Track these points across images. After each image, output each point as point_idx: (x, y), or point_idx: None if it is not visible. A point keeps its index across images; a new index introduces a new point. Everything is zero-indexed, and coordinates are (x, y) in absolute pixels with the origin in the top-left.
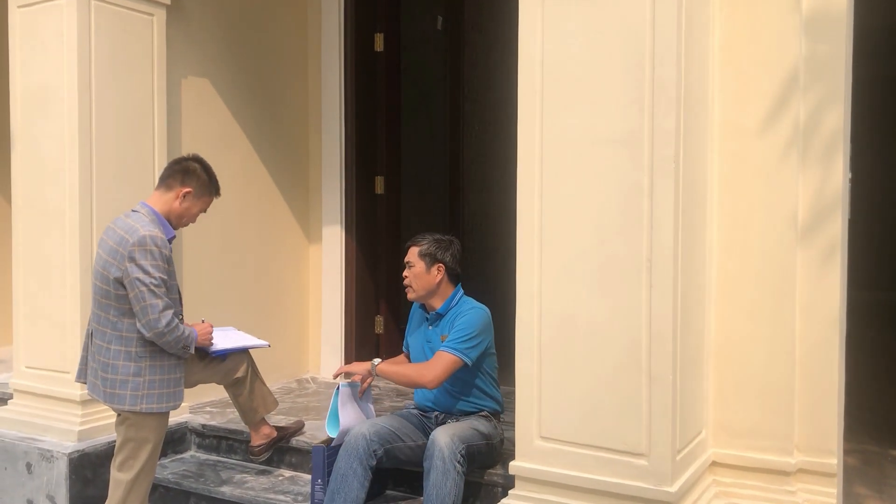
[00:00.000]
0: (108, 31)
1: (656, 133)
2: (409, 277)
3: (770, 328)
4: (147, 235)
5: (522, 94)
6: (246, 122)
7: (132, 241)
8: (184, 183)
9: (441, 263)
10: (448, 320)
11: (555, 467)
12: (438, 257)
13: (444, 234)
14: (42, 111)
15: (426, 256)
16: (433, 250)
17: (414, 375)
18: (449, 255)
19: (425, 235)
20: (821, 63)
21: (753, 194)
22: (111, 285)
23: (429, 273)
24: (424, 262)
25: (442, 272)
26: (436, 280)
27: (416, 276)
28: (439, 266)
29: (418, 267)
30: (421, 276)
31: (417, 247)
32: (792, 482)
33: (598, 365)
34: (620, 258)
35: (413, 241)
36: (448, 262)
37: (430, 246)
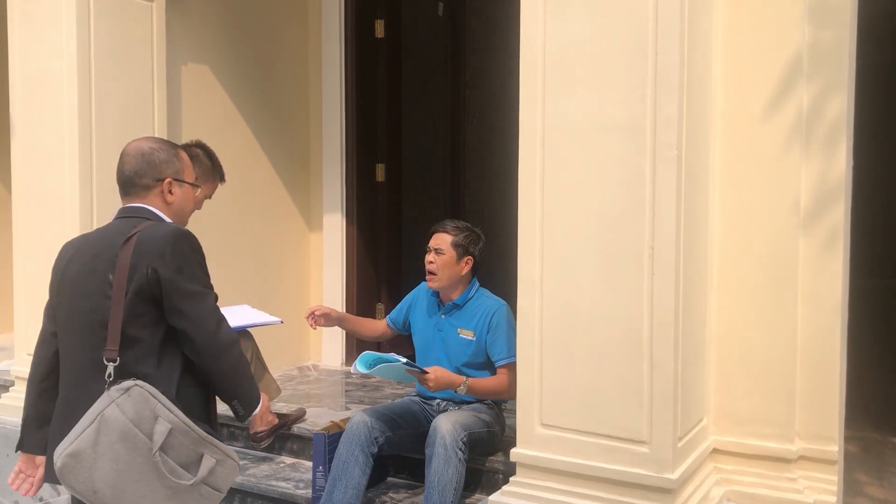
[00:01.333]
0: (107, 16)
1: (658, 119)
2: (436, 265)
3: (772, 315)
4: None
5: (524, 80)
6: (246, 110)
7: None
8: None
9: (471, 256)
10: (469, 314)
11: (556, 454)
12: (470, 250)
13: (472, 226)
14: (41, 98)
15: (459, 247)
16: (466, 242)
17: (502, 392)
18: (478, 250)
19: (456, 223)
20: (824, 50)
21: (756, 182)
22: None
23: (458, 264)
24: (456, 253)
25: (470, 265)
26: (463, 272)
27: (445, 265)
28: (469, 259)
29: (448, 256)
30: (450, 265)
31: (450, 235)
32: (793, 469)
33: (599, 352)
34: (622, 245)
35: (442, 227)
36: (476, 256)
37: (464, 237)
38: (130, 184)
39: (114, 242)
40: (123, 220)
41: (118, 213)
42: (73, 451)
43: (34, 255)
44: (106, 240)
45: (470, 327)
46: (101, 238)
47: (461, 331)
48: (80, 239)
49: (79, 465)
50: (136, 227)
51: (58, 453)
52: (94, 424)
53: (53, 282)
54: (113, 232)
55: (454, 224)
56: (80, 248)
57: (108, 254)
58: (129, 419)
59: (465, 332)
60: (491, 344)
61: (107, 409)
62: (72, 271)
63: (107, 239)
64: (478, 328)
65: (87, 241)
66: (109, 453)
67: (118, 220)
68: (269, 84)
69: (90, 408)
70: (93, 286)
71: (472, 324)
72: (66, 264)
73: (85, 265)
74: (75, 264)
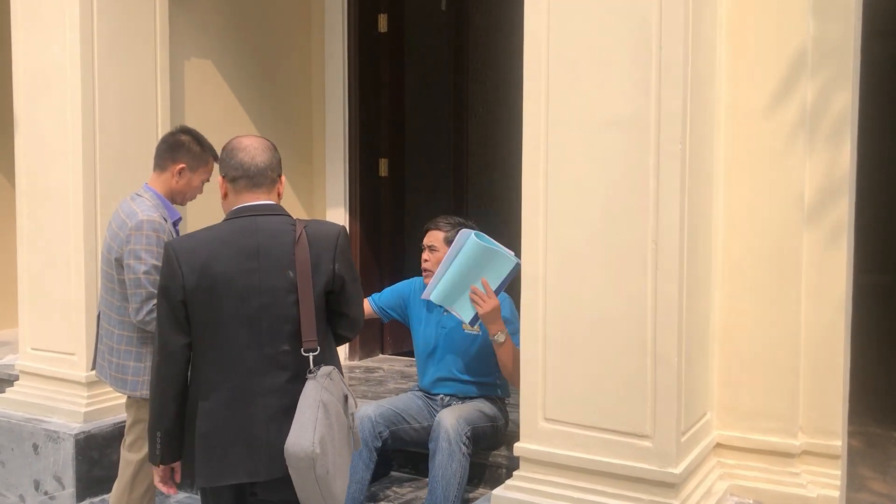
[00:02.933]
0: (110, 11)
1: (662, 114)
2: (431, 262)
3: (775, 310)
4: (145, 220)
5: (527, 74)
6: (249, 104)
7: (130, 225)
8: (175, 160)
9: None
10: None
11: (559, 449)
12: None
13: (463, 219)
14: (45, 92)
15: (451, 242)
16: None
17: (514, 366)
18: None
19: (448, 219)
20: (829, 43)
21: (760, 176)
22: (114, 269)
23: None
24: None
25: None
26: None
27: (439, 262)
28: None
29: (442, 252)
30: None
31: (442, 232)
32: (796, 464)
33: (603, 347)
34: (626, 240)
35: (435, 224)
36: None
37: (455, 232)
38: (263, 175)
39: (280, 241)
40: (267, 218)
41: (250, 211)
42: (320, 437)
43: (38, 249)
44: (262, 238)
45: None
46: (248, 236)
47: (466, 325)
48: (203, 239)
49: (324, 450)
50: (294, 225)
51: (305, 444)
52: (321, 410)
53: (179, 287)
54: (268, 230)
55: (446, 220)
56: (217, 249)
57: (279, 251)
58: (337, 400)
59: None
60: None
61: (322, 395)
62: (221, 272)
63: (263, 237)
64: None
65: (223, 241)
66: (332, 434)
67: (262, 218)
68: (272, 79)
69: (301, 397)
70: (267, 283)
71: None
72: (201, 267)
73: (241, 264)
74: (221, 265)
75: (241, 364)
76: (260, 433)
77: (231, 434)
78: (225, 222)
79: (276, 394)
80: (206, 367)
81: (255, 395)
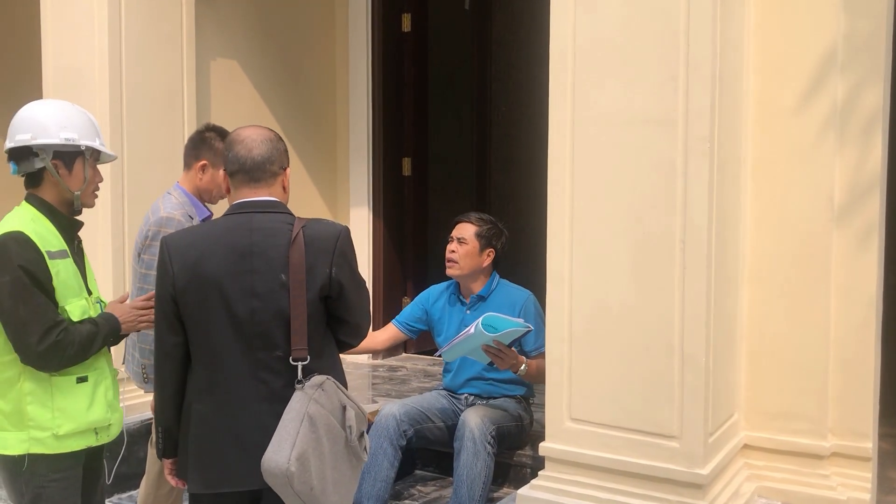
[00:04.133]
0: (138, 12)
1: (691, 111)
2: (458, 254)
3: (804, 310)
4: (164, 217)
5: (553, 72)
6: (274, 103)
7: (151, 221)
8: (197, 157)
9: (493, 249)
10: (495, 306)
11: (585, 449)
12: (493, 243)
13: (495, 220)
14: (74, 92)
15: (482, 238)
16: (490, 235)
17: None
18: (499, 244)
19: (481, 216)
20: (860, 40)
21: (789, 174)
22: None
23: (480, 255)
24: (479, 244)
25: (491, 257)
26: (484, 263)
27: (467, 255)
28: (490, 251)
29: (471, 246)
30: (472, 255)
31: (475, 226)
32: (826, 466)
33: (629, 346)
34: (653, 239)
35: (467, 218)
36: (497, 250)
37: (487, 229)
38: (260, 170)
39: (275, 241)
40: (265, 216)
41: (248, 207)
42: (298, 454)
43: None
44: (256, 238)
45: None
46: (242, 235)
47: None
48: (197, 236)
49: (303, 466)
50: (292, 225)
51: (280, 460)
52: (305, 424)
53: (170, 285)
54: (264, 229)
55: (479, 216)
56: (209, 248)
57: (273, 253)
58: (329, 412)
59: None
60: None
61: (309, 407)
62: (211, 272)
63: (258, 237)
64: None
65: (216, 239)
66: (319, 448)
67: (259, 216)
68: (296, 78)
69: (286, 410)
70: (260, 286)
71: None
72: (192, 266)
73: (234, 265)
74: (212, 265)
75: (232, 368)
76: (252, 440)
77: (223, 440)
78: (221, 219)
79: (269, 400)
80: (200, 369)
81: (247, 400)
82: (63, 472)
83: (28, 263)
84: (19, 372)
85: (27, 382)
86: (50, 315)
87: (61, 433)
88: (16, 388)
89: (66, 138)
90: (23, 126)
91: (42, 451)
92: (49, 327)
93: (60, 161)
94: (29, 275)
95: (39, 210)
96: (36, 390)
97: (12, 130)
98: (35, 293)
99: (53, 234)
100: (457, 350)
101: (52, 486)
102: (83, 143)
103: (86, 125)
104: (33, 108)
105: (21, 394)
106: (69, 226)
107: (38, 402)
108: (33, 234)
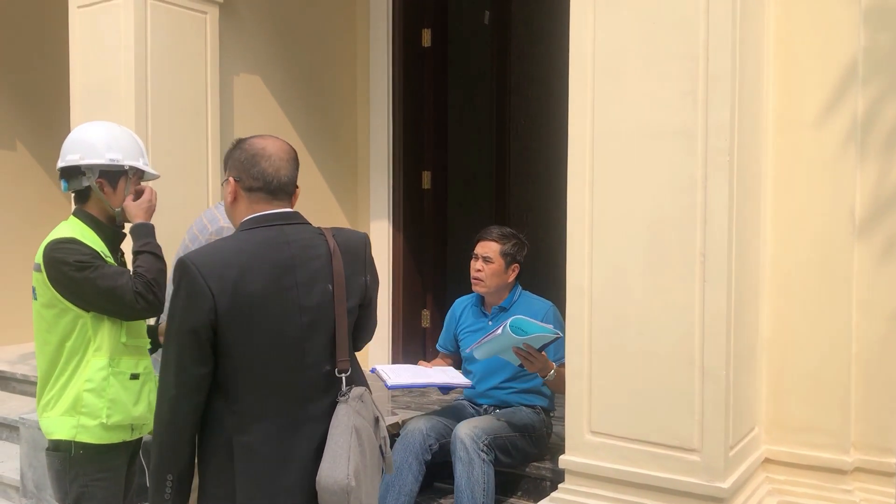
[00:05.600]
0: (163, 29)
1: (710, 125)
2: (485, 272)
3: (825, 323)
4: (225, 227)
5: (573, 86)
6: (296, 118)
7: (211, 230)
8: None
9: (518, 264)
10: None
11: (605, 462)
12: (517, 258)
13: (517, 232)
14: (101, 108)
15: (507, 255)
16: (514, 251)
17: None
18: (523, 257)
19: (503, 231)
20: (881, 54)
21: (809, 188)
22: None
23: (506, 272)
24: (504, 261)
25: (516, 272)
26: (510, 279)
27: (494, 273)
28: (516, 266)
29: (497, 264)
30: (499, 273)
31: (499, 244)
32: (848, 481)
33: (649, 359)
34: (673, 252)
35: (489, 235)
36: (522, 263)
37: (511, 245)
38: (284, 191)
39: (314, 252)
40: (295, 227)
41: (274, 220)
42: (354, 468)
43: None
44: (294, 250)
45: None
46: (280, 249)
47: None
48: (229, 253)
49: (358, 482)
50: (322, 235)
51: (339, 476)
52: (353, 437)
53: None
54: (299, 241)
55: (500, 231)
56: (248, 264)
57: (315, 264)
58: (368, 424)
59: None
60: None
61: (354, 420)
62: (255, 291)
63: (295, 249)
64: None
65: (253, 255)
66: (364, 461)
67: (288, 227)
68: (318, 93)
69: (333, 423)
70: (306, 300)
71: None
72: (233, 286)
73: (278, 281)
74: (256, 283)
75: (286, 390)
76: (304, 463)
77: (275, 470)
78: (248, 232)
79: (323, 419)
80: (244, 397)
81: (301, 422)
82: (107, 471)
83: (83, 251)
84: (82, 360)
85: (88, 370)
86: (124, 276)
87: (110, 423)
88: (79, 375)
89: (111, 159)
90: (73, 147)
91: (87, 440)
92: (126, 286)
93: (105, 180)
94: (88, 262)
95: (85, 223)
96: (95, 378)
97: (64, 151)
98: (103, 265)
99: (99, 245)
100: (485, 349)
101: (95, 485)
102: (127, 163)
103: (131, 146)
104: (83, 130)
105: (81, 380)
106: (114, 237)
107: (95, 392)
108: (84, 240)
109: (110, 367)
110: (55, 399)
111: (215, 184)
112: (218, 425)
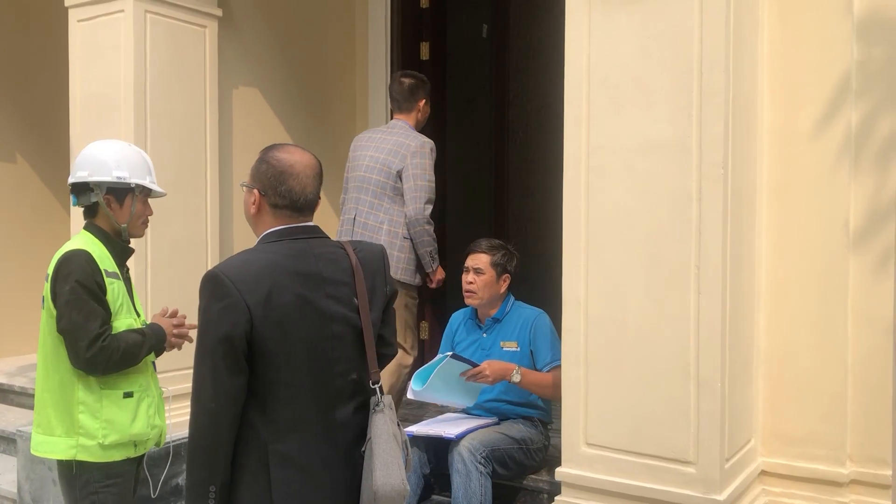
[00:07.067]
0: (162, 42)
1: (704, 139)
2: (477, 284)
3: (821, 335)
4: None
5: (568, 99)
6: (295, 131)
7: (414, 146)
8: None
9: (509, 274)
10: (509, 326)
11: (601, 474)
12: (508, 268)
13: (504, 242)
14: (100, 120)
15: (498, 266)
16: (504, 261)
17: (547, 388)
18: (513, 267)
19: (491, 242)
20: (875, 68)
21: (804, 200)
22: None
23: (497, 283)
24: (496, 272)
25: (507, 282)
26: (501, 289)
27: (486, 285)
28: (507, 276)
29: (489, 276)
30: (491, 284)
31: (489, 255)
32: (845, 493)
33: (645, 371)
34: (668, 264)
35: (479, 247)
36: (512, 273)
37: (501, 256)
38: (310, 208)
39: (340, 265)
40: (320, 241)
41: (300, 233)
42: (406, 474)
43: None
44: (322, 264)
45: (512, 338)
46: (308, 262)
47: (504, 344)
48: (260, 266)
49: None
50: (343, 248)
51: (396, 483)
52: (394, 445)
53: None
54: (325, 254)
55: (489, 243)
56: (280, 277)
57: (341, 277)
58: (399, 430)
59: (509, 345)
60: (536, 351)
61: (392, 428)
62: (287, 302)
63: (322, 262)
64: (521, 338)
65: (283, 267)
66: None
67: (313, 241)
68: (317, 106)
69: (374, 432)
70: (336, 311)
71: (514, 335)
72: (266, 298)
73: (308, 293)
74: (288, 294)
75: (318, 399)
76: (339, 472)
77: (311, 479)
78: (275, 244)
79: (349, 427)
80: (279, 407)
81: (333, 430)
82: (115, 478)
83: (85, 277)
84: (75, 382)
85: (81, 392)
86: (99, 323)
87: (107, 443)
88: (71, 396)
89: (118, 176)
90: (83, 164)
91: (88, 459)
92: (97, 334)
93: (112, 196)
94: (85, 287)
95: (96, 236)
96: (88, 400)
97: (74, 167)
98: (89, 303)
99: (108, 258)
100: (440, 392)
101: (105, 492)
102: (133, 181)
103: (139, 164)
104: (94, 148)
105: (74, 402)
106: (122, 252)
107: (89, 412)
108: (94, 253)
109: (100, 387)
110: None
111: (214, 196)
112: (253, 435)
